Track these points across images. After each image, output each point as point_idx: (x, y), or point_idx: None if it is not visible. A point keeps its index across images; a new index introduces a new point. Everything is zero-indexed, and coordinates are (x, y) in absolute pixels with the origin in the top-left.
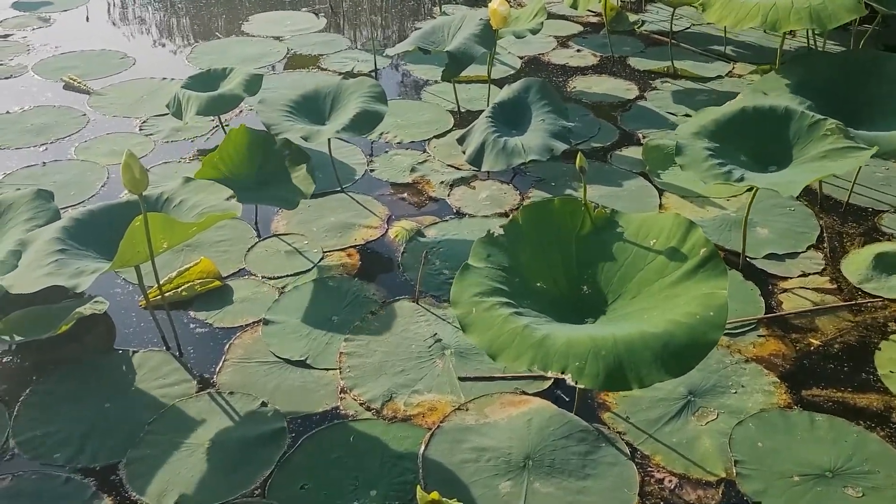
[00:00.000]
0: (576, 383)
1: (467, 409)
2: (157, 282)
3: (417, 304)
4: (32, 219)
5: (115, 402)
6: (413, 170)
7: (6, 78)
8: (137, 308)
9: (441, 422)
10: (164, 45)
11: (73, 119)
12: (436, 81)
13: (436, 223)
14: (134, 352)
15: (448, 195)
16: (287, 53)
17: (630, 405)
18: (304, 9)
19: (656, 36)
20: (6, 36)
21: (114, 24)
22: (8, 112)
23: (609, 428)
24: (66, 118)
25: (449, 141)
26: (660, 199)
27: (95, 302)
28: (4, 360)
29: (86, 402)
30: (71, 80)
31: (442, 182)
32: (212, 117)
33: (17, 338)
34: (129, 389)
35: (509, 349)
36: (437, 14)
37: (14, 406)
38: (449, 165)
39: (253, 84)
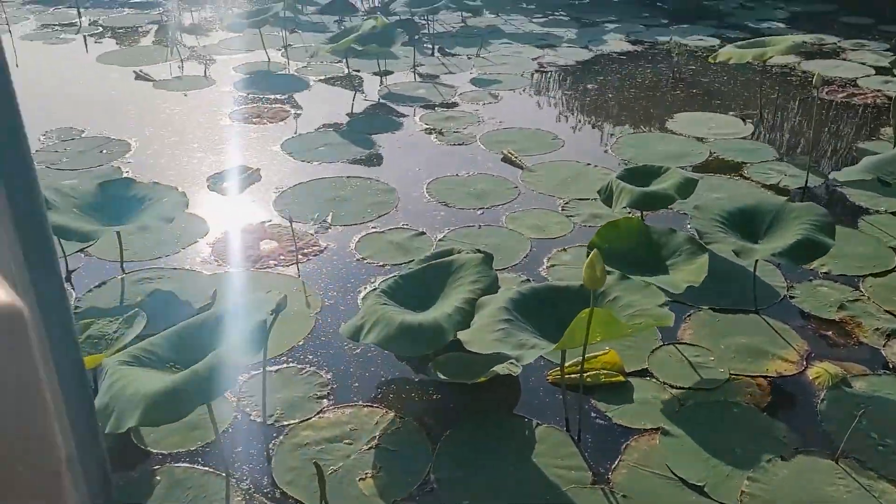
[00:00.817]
0: None
1: None
2: (581, 368)
3: (837, 463)
4: (476, 281)
5: (517, 468)
6: (842, 307)
7: (459, 144)
8: (544, 381)
9: None
10: (590, 132)
11: (507, 190)
12: (877, 211)
13: (865, 375)
14: (537, 424)
15: (883, 346)
16: (709, 156)
17: None
18: (731, 113)
19: None
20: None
21: (546, 106)
22: (457, 175)
23: None
24: (501, 188)
25: (889, 283)
26: None
27: (511, 363)
28: (434, 396)
29: (492, 458)
30: (509, 154)
31: (877, 329)
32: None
33: (443, 377)
34: (529, 460)
35: None
36: (884, 135)
37: (437, 442)
38: (886, 311)
39: (687, 187)
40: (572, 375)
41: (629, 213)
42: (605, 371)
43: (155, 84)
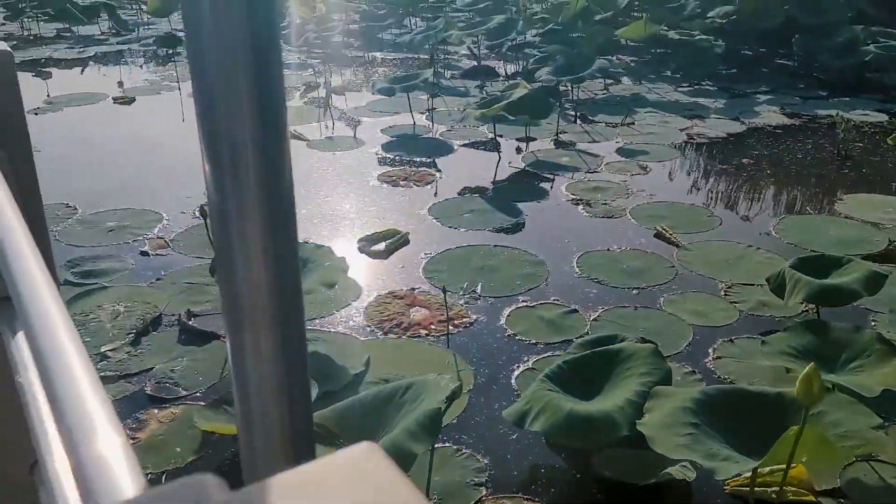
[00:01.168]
0: None
1: None
2: (781, 487)
3: None
4: (648, 374)
5: None
6: None
7: (608, 217)
8: (720, 489)
9: None
10: (749, 210)
11: (663, 269)
12: None
13: None
14: None
15: None
16: (888, 244)
17: None
18: None
19: None
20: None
21: (698, 180)
22: (608, 250)
23: None
24: (656, 266)
25: None
26: None
27: (684, 466)
28: (598, 495)
29: None
30: (662, 230)
31: None
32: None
33: (608, 474)
34: None
35: None
36: None
37: None
38: None
39: (875, 282)
40: (757, 489)
41: (803, 305)
42: (793, 488)
43: (308, 144)
